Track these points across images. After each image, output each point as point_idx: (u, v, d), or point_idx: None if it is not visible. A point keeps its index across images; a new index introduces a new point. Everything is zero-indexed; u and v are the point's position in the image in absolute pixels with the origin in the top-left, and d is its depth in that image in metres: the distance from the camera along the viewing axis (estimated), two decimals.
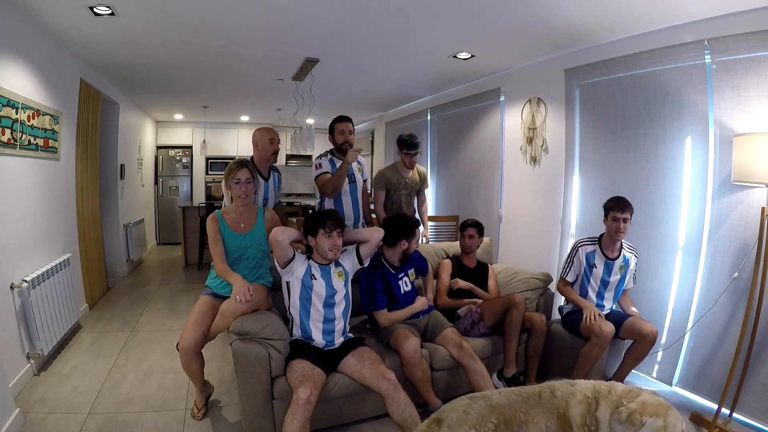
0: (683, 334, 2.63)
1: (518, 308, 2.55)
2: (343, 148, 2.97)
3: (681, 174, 2.70)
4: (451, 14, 2.73)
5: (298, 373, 2.02)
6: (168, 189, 7.97)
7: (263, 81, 4.69)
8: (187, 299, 4.49)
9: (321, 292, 2.24)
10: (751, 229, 2.32)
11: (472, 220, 3.11)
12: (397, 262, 2.63)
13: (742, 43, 2.31)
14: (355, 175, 3.15)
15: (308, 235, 2.25)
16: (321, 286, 2.25)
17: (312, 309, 2.24)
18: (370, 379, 2.10)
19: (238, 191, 2.33)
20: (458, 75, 4.35)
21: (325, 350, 2.23)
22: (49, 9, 2.67)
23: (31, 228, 2.88)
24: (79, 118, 3.70)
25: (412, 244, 2.62)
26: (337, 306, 2.28)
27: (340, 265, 2.35)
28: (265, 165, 2.92)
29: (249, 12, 2.75)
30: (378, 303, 2.48)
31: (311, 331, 2.24)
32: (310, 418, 1.93)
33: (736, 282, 2.37)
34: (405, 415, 2.03)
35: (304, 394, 1.89)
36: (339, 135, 2.99)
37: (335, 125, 3.03)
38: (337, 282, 2.30)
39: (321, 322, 2.24)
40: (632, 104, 2.93)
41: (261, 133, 2.89)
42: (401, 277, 2.63)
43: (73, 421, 2.27)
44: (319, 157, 3.09)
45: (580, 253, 2.69)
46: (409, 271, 2.69)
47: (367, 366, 2.13)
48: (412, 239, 2.58)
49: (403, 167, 3.53)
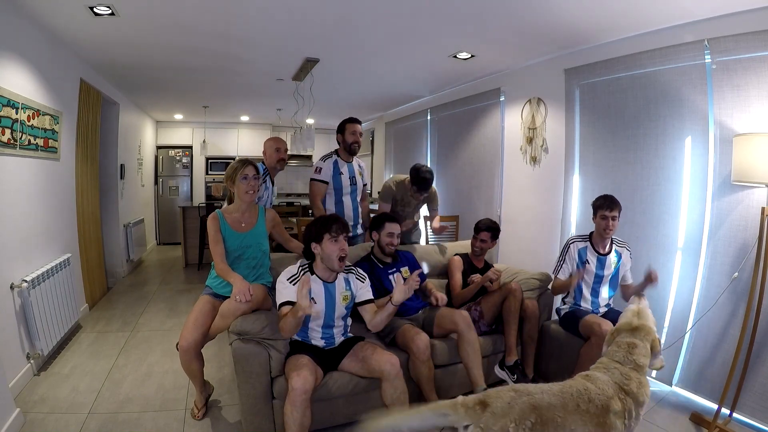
0: (683, 334, 2.63)
1: (515, 295, 2.58)
2: (352, 149, 3.15)
3: (681, 174, 2.70)
4: (451, 14, 2.73)
5: (293, 363, 2.01)
6: (168, 189, 7.97)
7: (263, 81, 4.69)
8: (187, 299, 4.48)
9: (320, 314, 2.14)
10: (751, 229, 2.32)
11: (487, 222, 2.96)
12: (384, 258, 2.70)
13: (742, 43, 2.31)
14: (355, 178, 3.23)
15: (312, 242, 2.14)
16: (320, 307, 2.12)
17: (310, 323, 2.18)
18: (373, 364, 2.07)
19: (246, 187, 2.33)
20: (458, 75, 4.35)
21: (326, 350, 2.21)
22: (49, 9, 2.67)
23: (31, 228, 2.88)
24: (79, 118, 3.70)
25: (382, 238, 2.65)
26: (336, 319, 2.22)
27: (348, 288, 2.22)
28: (273, 172, 3.16)
29: (249, 12, 2.75)
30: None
31: (310, 338, 2.21)
32: (309, 407, 1.90)
33: (736, 282, 2.37)
34: (397, 400, 2.04)
35: (298, 383, 1.86)
36: (350, 135, 3.14)
37: (347, 125, 3.15)
38: (340, 306, 2.18)
39: (320, 327, 2.20)
40: (632, 104, 2.94)
41: (269, 142, 3.14)
42: (392, 273, 2.65)
43: (73, 421, 2.27)
44: (323, 160, 3.18)
45: (572, 249, 2.69)
46: (402, 269, 2.69)
47: (369, 353, 2.12)
48: (382, 231, 2.65)
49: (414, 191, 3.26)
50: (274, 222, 2.52)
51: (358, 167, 3.30)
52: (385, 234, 2.67)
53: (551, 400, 1.48)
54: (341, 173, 3.15)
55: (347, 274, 2.27)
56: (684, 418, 2.43)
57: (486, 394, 1.50)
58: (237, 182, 2.33)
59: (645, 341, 1.72)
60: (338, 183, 3.15)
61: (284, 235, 2.62)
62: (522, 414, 1.42)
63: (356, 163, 3.28)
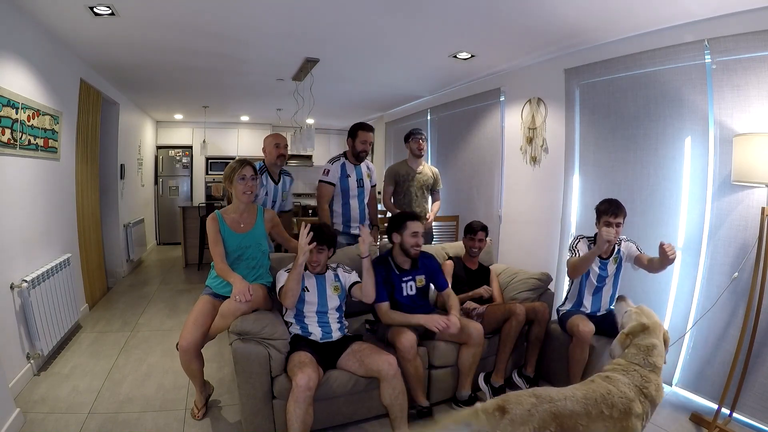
0: (683, 334, 2.63)
1: (518, 319, 2.54)
2: (360, 156, 3.18)
3: (681, 174, 2.69)
4: (451, 14, 2.73)
5: (296, 361, 2.05)
6: (168, 189, 7.97)
7: (263, 81, 4.69)
8: (187, 299, 4.48)
9: (313, 301, 2.30)
10: (751, 229, 2.32)
11: (480, 223, 3.05)
12: (404, 263, 2.55)
13: (742, 43, 2.31)
14: (363, 180, 3.26)
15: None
16: (313, 297, 2.30)
17: (305, 310, 2.30)
18: (371, 365, 2.10)
19: (243, 188, 2.33)
20: (458, 75, 4.35)
21: (322, 342, 2.24)
22: (49, 9, 2.67)
23: (31, 228, 2.88)
24: (79, 118, 3.70)
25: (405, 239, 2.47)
26: (330, 309, 2.34)
27: (338, 280, 2.39)
28: (274, 169, 3.09)
29: (249, 12, 2.75)
30: (378, 295, 2.38)
31: (308, 327, 2.28)
32: (312, 404, 1.95)
33: (736, 282, 2.37)
34: (396, 400, 2.10)
35: (302, 381, 1.91)
36: (360, 143, 3.14)
37: (359, 132, 3.14)
38: (332, 295, 2.34)
39: (315, 313, 2.29)
40: (632, 104, 2.93)
41: (269, 138, 3.10)
42: (406, 281, 2.55)
43: (73, 421, 2.27)
44: (332, 162, 3.20)
45: (581, 244, 2.61)
46: (417, 277, 2.57)
47: (366, 353, 2.15)
48: (404, 232, 2.47)
49: (413, 158, 3.60)
50: (273, 222, 2.52)
51: (367, 169, 3.32)
52: (409, 234, 2.46)
53: (574, 408, 1.44)
54: (348, 176, 3.17)
55: (335, 270, 2.43)
56: (684, 418, 2.43)
57: (506, 399, 1.46)
58: (235, 183, 2.33)
59: (660, 339, 1.72)
60: (345, 185, 3.17)
61: (284, 235, 2.62)
62: (542, 422, 1.38)
63: (365, 166, 3.30)
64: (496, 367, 2.60)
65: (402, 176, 3.59)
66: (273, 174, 3.11)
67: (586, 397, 1.49)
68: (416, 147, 3.54)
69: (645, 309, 1.86)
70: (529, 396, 1.47)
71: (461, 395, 2.51)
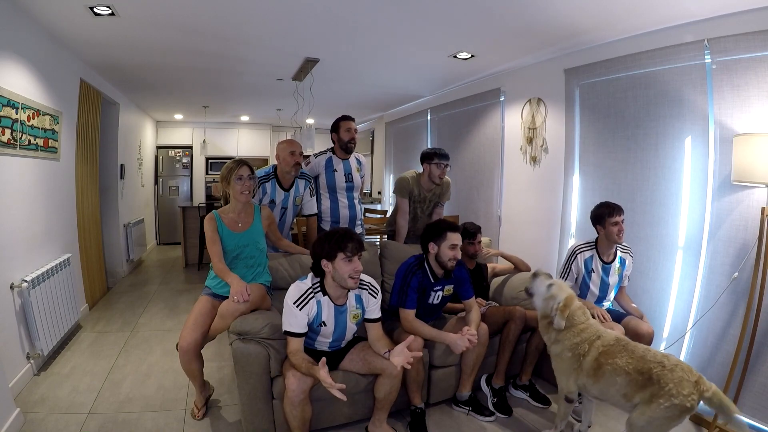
0: (683, 334, 2.62)
1: (516, 323, 2.53)
2: (349, 147, 3.05)
3: (681, 174, 2.69)
4: (451, 14, 2.73)
5: (290, 363, 2.00)
6: (168, 189, 7.97)
7: (263, 81, 4.69)
8: (187, 299, 4.49)
9: (328, 334, 2.11)
10: (751, 229, 2.32)
11: (474, 225, 2.98)
12: (438, 272, 2.44)
13: (742, 43, 2.31)
14: (352, 175, 3.12)
15: (323, 259, 1.98)
16: (329, 329, 2.08)
17: (319, 338, 2.15)
18: (377, 363, 2.08)
19: (241, 187, 2.33)
20: (458, 75, 4.35)
21: (332, 352, 2.21)
22: (49, 9, 2.67)
23: (31, 228, 2.88)
24: (79, 118, 3.70)
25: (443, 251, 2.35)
26: (346, 336, 2.18)
27: (360, 305, 2.13)
28: (287, 177, 2.85)
29: (249, 12, 2.74)
30: (408, 301, 2.34)
31: (316, 346, 2.18)
32: (310, 402, 1.96)
33: (736, 282, 2.37)
34: (389, 396, 2.11)
35: (293, 384, 1.90)
36: (345, 132, 3.03)
37: (341, 123, 3.05)
38: (350, 324, 2.13)
39: (329, 341, 2.17)
40: (632, 104, 2.93)
41: (283, 145, 2.85)
42: (437, 290, 2.48)
43: (73, 421, 2.27)
44: (317, 155, 3.09)
45: (578, 260, 2.64)
46: (446, 287, 2.50)
47: (371, 352, 2.13)
48: (443, 242, 2.34)
49: (428, 182, 3.13)
50: (270, 220, 2.53)
51: (356, 163, 3.15)
52: (448, 246, 2.32)
53: (649, 366, 1.85)
54: (335, 170, 3.06)
55: (360, 291, 2.13)
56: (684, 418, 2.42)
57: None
58: (232, 183, 2.33)
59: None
60: (331, 180, 3.06)
61: (276, 234, 2.62)
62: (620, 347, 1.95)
63: (354, 160, 3.15)
64: (497, 369, 2.60)
65: (414, 196, 3.19)
66: (284, 182, 2.85)
67: (654, 359, 1.85)
68: (438, 174, 3.06)
69: (557, 280, 2.23)
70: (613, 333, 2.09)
71: (461, 396, 2.51)
